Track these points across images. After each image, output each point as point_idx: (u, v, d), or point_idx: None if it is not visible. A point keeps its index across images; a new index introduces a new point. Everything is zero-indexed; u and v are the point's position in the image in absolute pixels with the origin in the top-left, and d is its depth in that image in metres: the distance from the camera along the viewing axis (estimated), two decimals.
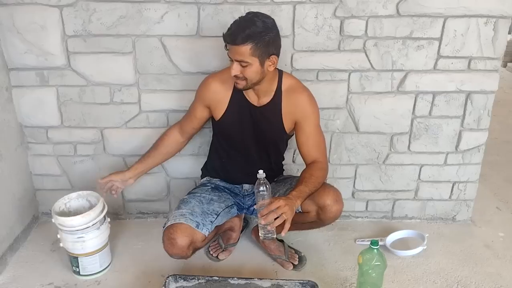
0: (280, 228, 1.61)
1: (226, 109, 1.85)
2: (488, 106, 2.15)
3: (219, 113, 1.87)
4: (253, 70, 1.68)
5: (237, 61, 1.66)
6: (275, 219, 1.58)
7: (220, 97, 1.85)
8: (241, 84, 1.73)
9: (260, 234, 1.69)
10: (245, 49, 1.63)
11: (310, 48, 2.03)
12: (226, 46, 1.68)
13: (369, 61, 2.06)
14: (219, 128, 1.91)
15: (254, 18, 1.65)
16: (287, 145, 2.04)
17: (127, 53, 2.03)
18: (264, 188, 1.64)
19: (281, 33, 1.71)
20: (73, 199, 2.02)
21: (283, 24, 1.97)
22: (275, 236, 1.68)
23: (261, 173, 1.65)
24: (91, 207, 2.00)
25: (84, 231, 1.86)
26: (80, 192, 2.04)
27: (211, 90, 1.85)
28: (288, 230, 1.62)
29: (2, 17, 1.95)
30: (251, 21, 1.63)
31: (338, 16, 1.98)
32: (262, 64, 1.68)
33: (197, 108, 1.92)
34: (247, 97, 1.84)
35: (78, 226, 1.84)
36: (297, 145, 1.89)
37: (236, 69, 1.68)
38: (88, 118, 2.15)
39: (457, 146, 2.23)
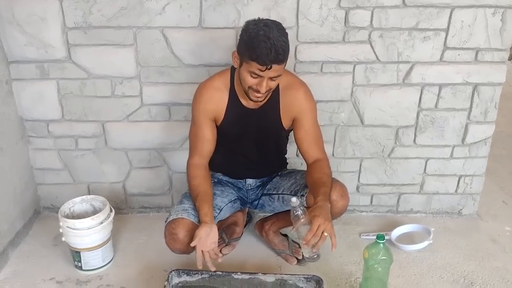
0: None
1: (224, 117, 1.80)
2: (495, 98, 2.11)
3: (218, 121, 1.82)
4: (279, 79, 1.64)
5: (272, 77, 1.59)
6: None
7: (219, 107, 1.79)
8: (264, 96, 1.66)
9: (305, 255, 1.65)
10: (283, 65, 1.58)
11: (314, 40, 2.00)
12: (244, 59, 1.58)
13: (375, 52, 2.02)
14: (218, 132, 1.85)
15: (278, 28, 1.56)
16: (287, 139, 2.00)
17: (128, 45, 2.00)
18: (300, 211, 1.58)
19: (284, 25, 1.64)
20: (77, 204, 2.01)
21: (286, 15, 1.93)
22: (319, 255, 1.63)
23: (294, 201, 1.57)
24: (94, 211, 2.00)
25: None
26: (84, 197, 2.03)
27: (211, 99, 1.77)
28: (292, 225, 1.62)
29: (2, 8, 1.92)
30: (282, 34, 1.56)
31: (343, 7, 1.94)
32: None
33: (206, 128, 1.79)
34: (243, 103, 1.79)
35: (86, 228, 1.85)
36: (296, 141, 1.85)
37: (269, 84, 1.61)
38: (89, 111, 2.12)
39: (463, 139, 2.20)
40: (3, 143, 2.00)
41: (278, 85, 1.76)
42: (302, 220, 1.58)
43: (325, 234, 1.54)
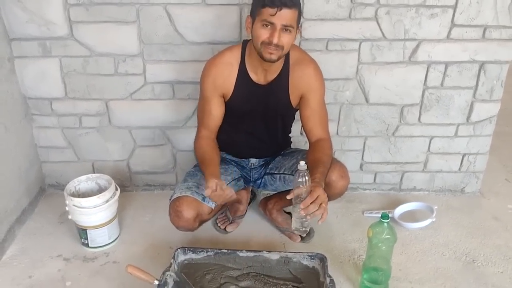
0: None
1: (233, 92, 1.78)
2: (502, 76, 2.10)
3: (226, 97, 1.81)
4: (292, 37, 1.62)
5: (283, 26, 1.57)
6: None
7: (228, 82, 1.77)
8: (277, 54, 1.63)
9: (293, 227, 1.59)
10: (294, 13, 1.57)
11: (320, 17, 1.97)
12: (257, 12, 1.58)
13: (381, 30, 1.99)
14: (226, 108, 1.84)
15: None
16: (294, 118, 1.99)
17: (131, 22, 1.97)
18: (304, 179, 1.52)
19: None
20: (83, 182, 2.02)
21: None
22: (307, 230, 1.61)
23: (302, 165, 1.52)
24: (100, 190, 2.01)
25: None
26: (89, 175, 2.04)
27: (218, 75, 1.76)
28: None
29: None
30: None
31: None
32: (295, 33, 1.63)
33: (214, 104, 1.79)
34: (252, 78, 1.78)
35: (92, 207, 1.86)
36: (302, 119, 1.84)
37: (281, 38, 1.59)
38: (92, 89, 2.11)
39: (468, 118, 2.19)
40: (7, 121, 1.99)
41: (288, 60, 1.76)
42: (301, 187, 1.52)
43: (324, 205, 1.53)
